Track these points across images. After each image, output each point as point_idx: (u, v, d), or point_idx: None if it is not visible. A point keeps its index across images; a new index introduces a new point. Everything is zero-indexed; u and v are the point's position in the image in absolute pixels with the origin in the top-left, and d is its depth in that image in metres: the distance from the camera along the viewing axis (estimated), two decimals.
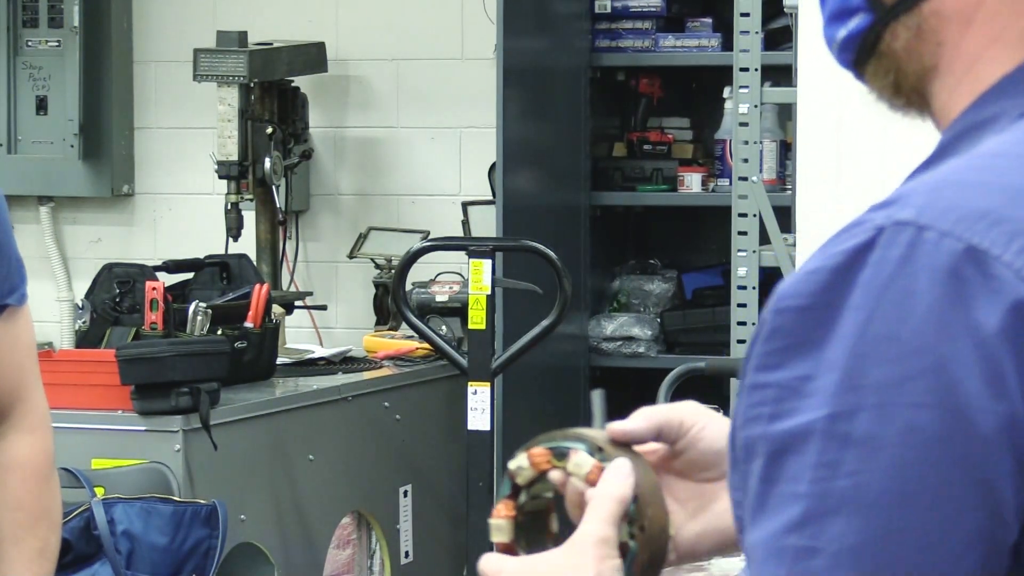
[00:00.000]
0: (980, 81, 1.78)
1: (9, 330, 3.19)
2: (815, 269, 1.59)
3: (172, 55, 8.94)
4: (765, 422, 1.60)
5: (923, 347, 1.57)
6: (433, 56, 8.82)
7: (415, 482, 7.53)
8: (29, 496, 3.23)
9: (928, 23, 1.79)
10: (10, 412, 3.22)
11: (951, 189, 1.62)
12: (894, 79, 1.85)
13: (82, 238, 9.25)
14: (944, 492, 1.56)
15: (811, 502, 1.56)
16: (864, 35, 1.84)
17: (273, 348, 7.33)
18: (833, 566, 1.55)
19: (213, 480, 6.54)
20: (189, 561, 6.15)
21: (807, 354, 1.60)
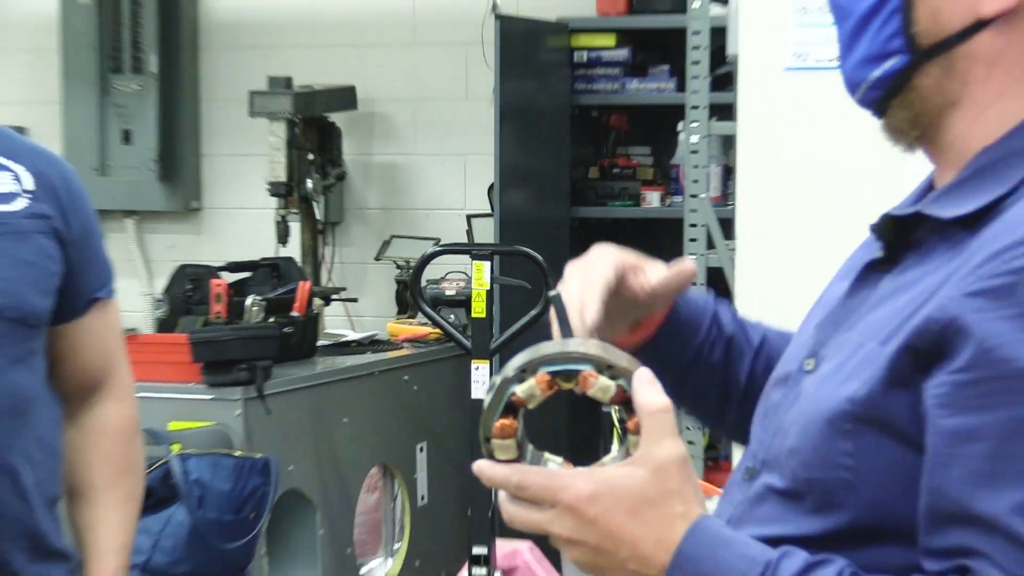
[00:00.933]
0: (1005, 116, 1.80)
1: (101, 318, 3.16)
2: None
3: (232, 96, 8.88)
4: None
5: None
6: (443, 97, 8.80)
7: (429, 440, 7.60)
8: (118, 452, 3.20)
9: (958, 64, 1.81)
10: (102, 384, 3.19)
11: None
12: (915, 112, 1.85)
13: (160, 244, 9.26)
14: None
15: None
16: (899, 74, 1.84)
17: (314, 333, 7.40)
18: None
19: (266, 438, 6.59)
20: (247, 504, 6.21)
21: None
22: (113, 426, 3.20)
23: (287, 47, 9.09)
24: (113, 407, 3.21)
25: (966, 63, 1.80)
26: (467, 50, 8.58)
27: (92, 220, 3.19)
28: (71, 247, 3.08)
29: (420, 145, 9.02)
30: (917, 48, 1.82)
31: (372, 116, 9.03)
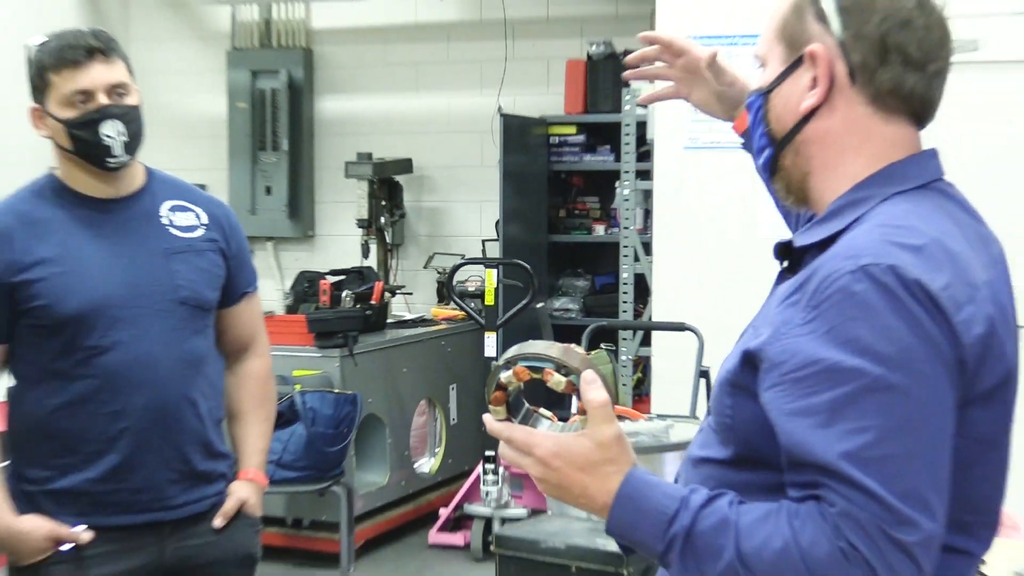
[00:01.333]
0: (847, 175, 1.74)
1: (249, 305, 3.15)
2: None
3: (334, 164, 8.81)
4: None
5: (911, 341, 1.54)
6: (466, 165, 8.73)
7: (458, 383, 7.60)
8: (259, 390, 3.18)
9: (801, 147, 1.77)
10: (249, 347, 3.17)
11: (884, 245, 1.57)
12: (787, 183, 1.82)
13: (288, 258, 9.21)
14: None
15: (885, 430, 1.51)
16: (771, 160, 1.83)
17: (384, 314, 7.40)
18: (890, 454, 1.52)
19: (354, 382, 6.58)
20: (342, 423, 6.23)
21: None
22: (256, 373, 3.20)
23: (369, 133, 8.97)
24: (256, 361, 3.21)
25: (805, 145, 1.77)
26: (482, 136, 8.47)
27: (244, 243, 3.18)
28: (230, 260, 3.08)
29: (452, 195, 8.96)
30: (775, 142, 1.81)
31: (422, 177, 8.95)
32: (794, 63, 1.76)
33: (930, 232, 1.62)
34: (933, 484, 1.53)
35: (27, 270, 2.83)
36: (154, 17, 9.56)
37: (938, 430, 1.55)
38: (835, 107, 1.73)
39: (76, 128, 2.82)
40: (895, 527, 1.49)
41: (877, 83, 1.71)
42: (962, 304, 1.57)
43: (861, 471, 1.50)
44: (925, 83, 1.72)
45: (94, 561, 2.87)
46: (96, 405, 2.85)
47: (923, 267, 1.56)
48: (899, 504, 1.49)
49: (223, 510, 3.02)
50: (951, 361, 1.55)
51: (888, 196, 1.70)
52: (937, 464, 1.55)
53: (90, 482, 2.87)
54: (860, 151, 1.74)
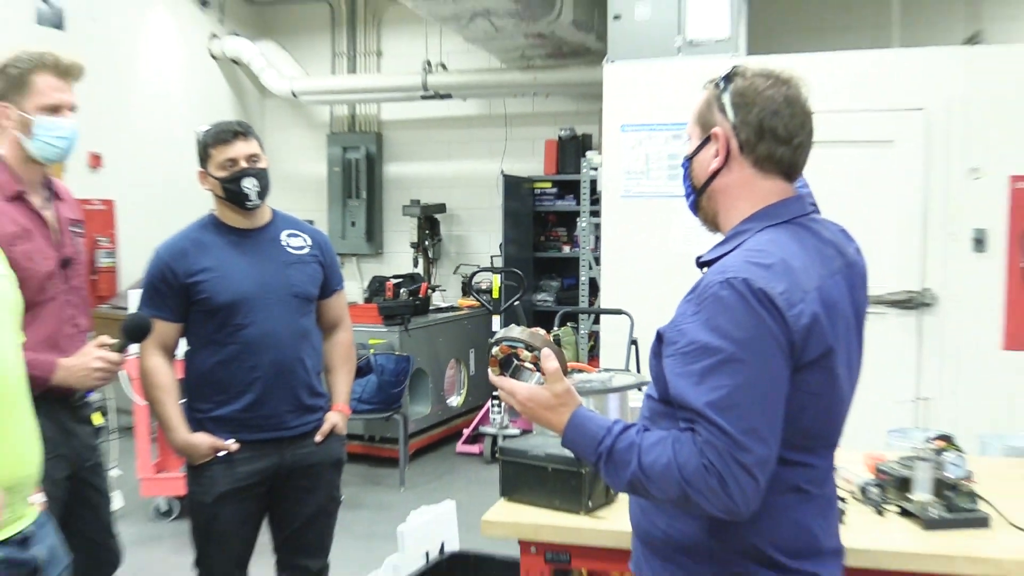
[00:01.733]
0: (740, 213, 1.76)
1: (338, 297, 3.09)
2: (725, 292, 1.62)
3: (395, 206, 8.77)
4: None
5: (754, 330, 1.60)
6: (481, 207, 8.63)
7: (475, 348, 7.47)
8: (345, 352, 3.11)
9: (712, 195, 1.79)
10: (339, 325, 3.09)
11: (742, 264, 1.64)
12: (705, 217, 1.84)
13: (366, 267, 9.08)
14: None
15: (734, 387, 1.57)
16: (694, 202, 1.84)
17: (428, 304, 7.25)
18: (737, 405, 1.57)
19: (408, 347, 6.46)
20: (401, 374, 6.12)
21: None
22: (343, 342, 3.14)
23: (418, 187, 8.94)
24: (343, 334, 3.14)
25: (714, 193, 1.80)
26: (490, 189, 8.38)
27: (335, 258, 3.13)
28: (326, 268, 3.04)
29: (470, 227, 8.88)
30: (695, 189, 1.83)
31: (452, 215, 8.86)
32: (706, 139, 1.79)
33: (779, 254, 1.66)
34: (767, 424, 1.58)
35: (196, 275, 2.86)
36: (281, 114, 9.55)
37: (771, 389, 1.60)
38: (731, 169, 1.76)
39: (227, 183, 2.87)
40: (738, 451, 1.55)
41: (757, 153, 1.74)
42: (794, 304, 1.61)
43: (717, 415, 1.56)
44: (791, 152, 1.74)
45: (239, 463, 2.88)
46: (239, 362, 2.87)
47: (768, 279, 1.61)
48: (741, 437, 1.55)
49: (321, 430, 3.00)
50: (784, 343, 1.60)
51: (761, 229, 1.72)
52: (769, 411, 1.59)
53: (236, 412, 2.88)
54: (747, 198, 1.77)
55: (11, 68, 2.54)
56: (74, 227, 2.77)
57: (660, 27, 5.52)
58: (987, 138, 4.82)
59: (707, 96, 1.79)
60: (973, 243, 4.84)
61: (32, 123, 2.55)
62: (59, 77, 2.59)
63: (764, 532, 1.66)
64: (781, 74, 1.75)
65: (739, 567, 1.68)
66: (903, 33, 7.10)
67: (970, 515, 2.24)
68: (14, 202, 2.56)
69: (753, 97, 1.72)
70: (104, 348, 2.55)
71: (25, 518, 1.92)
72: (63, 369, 2.51)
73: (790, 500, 1.68)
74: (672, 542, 1.74)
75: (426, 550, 3.66)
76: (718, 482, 1.55)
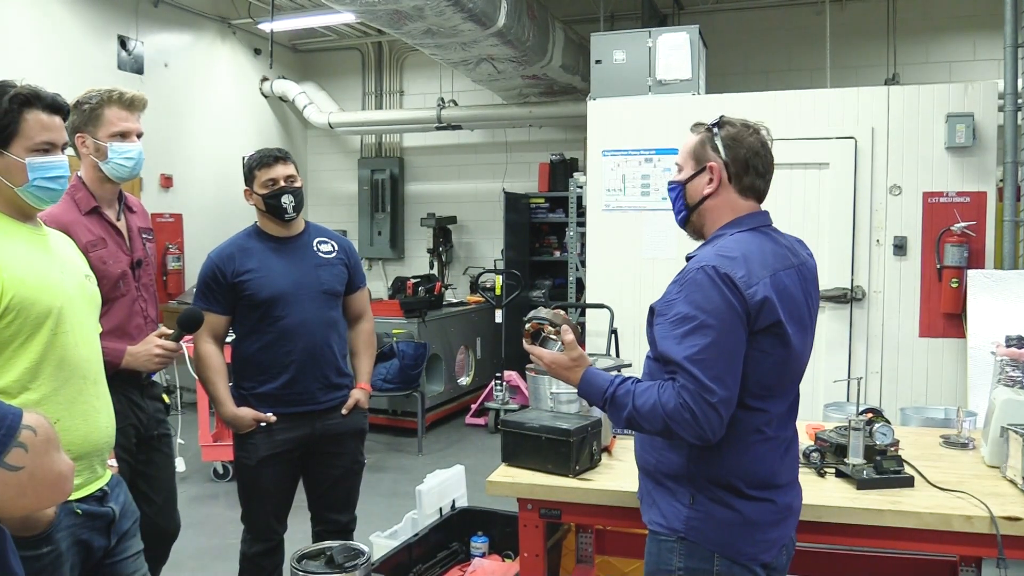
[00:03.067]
0: (716, 224, 1.87)
1: (362, 293, 3.03)
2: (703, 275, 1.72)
3: (415, 219, 8.70)
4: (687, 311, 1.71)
5: (726, 295, 1.71)
6: (486, 219, 8.57)
7: (480, 337, 7.38)
8: (367, 339, 3.06)
9: (702, 212, 1.89)
10: (362, 316, 3.03)
11: (714, 256, 1.75)
12: (693, 229, 1.93)
13: (390, 269, 9.02)
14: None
15: (705, 345, 1.69)
16: (685, 218, 1.93)
17: (441, 299, 7.17)
18: (704, 359, 1.68)
19: (425, 335, 6.38)
20: (419, 358, 6.03)
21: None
22: (366, 330, 3.08)
23: (433, 203, 8.87)
24: (366, 324, 3.08)
25: (703, 210, 1.90)
26: (494, 204, 8.34)
27: (358, 260, 3.07)
28: (350, 269, 2.99)
29: (478, 236, 8.80)
30: (688, 207, 1.92)
31: (462, 226, 8.80)
32: (700, 170, 1.88)
33: (741, 250, 1.77)
34: (729, 373, 1.70)
35: (242, 275, 2.83)
36: (320, 142, 9.51)
37: (733, 348, 1.71)
38: (719, 194, 1.87)
39: (268, 199, 2.85)
40: (706, 393, 1.67)
41: (742, 183, 1.87)
42: (751, 285, 1.73)
43: (692, 365, 1.69)
44: (764, 183, 1.89)
45: (277, 432, 2.85)
46: (277, 347, 2.83)
47: (731, 267, 1.73)
48: (709, 382, 1.67)
49: (347, 404, 2.95)
50: (742, 313, 1.71)
51: (732, 233, 1.83)
52: (732, 364, 1.71)
53: (274, 389, 2.85)
54: (729, 213, 1.88)
55: (84, 104, 2.53)
56: (145, 234, 2.74)
57: (634, 70, 5.51)
58: (904, 161, 4.81)
59: (700, 137, 1.89)
60: (894, 248, 4.83)
61: (105, 149, 2.53)
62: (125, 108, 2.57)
63: (731, 465, 1.77)
64: (754, 124, 1.89)
65: (708, 491, 1.79)
66: (835, 75, 7.09)
67: (896, 476, 2.22)
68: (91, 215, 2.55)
69: (741, 141, 1.85)
70: (163, 338, 2.52)
71: (103, 479, 1.93)
72: (129, 355, 2.49)
73: (752, 439, 1.78)
74: (661, 470, 1.85)
75: (440, 506, 3.63)
76: (691, 416, 1.68)
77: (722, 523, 1.76)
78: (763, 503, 1.78)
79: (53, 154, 1.84)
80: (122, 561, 1.95)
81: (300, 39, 9.24)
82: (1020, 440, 2.15)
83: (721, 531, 1.76)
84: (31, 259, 1.82)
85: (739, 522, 1.76)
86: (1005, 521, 1.97)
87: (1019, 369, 2.57)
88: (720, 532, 1.76)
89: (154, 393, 2.74)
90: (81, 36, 6.72)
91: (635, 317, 5.25)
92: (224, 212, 7.89)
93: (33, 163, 1.81)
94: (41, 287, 1.79)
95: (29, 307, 1.75)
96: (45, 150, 1.83)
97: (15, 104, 1.79)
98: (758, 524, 1.77)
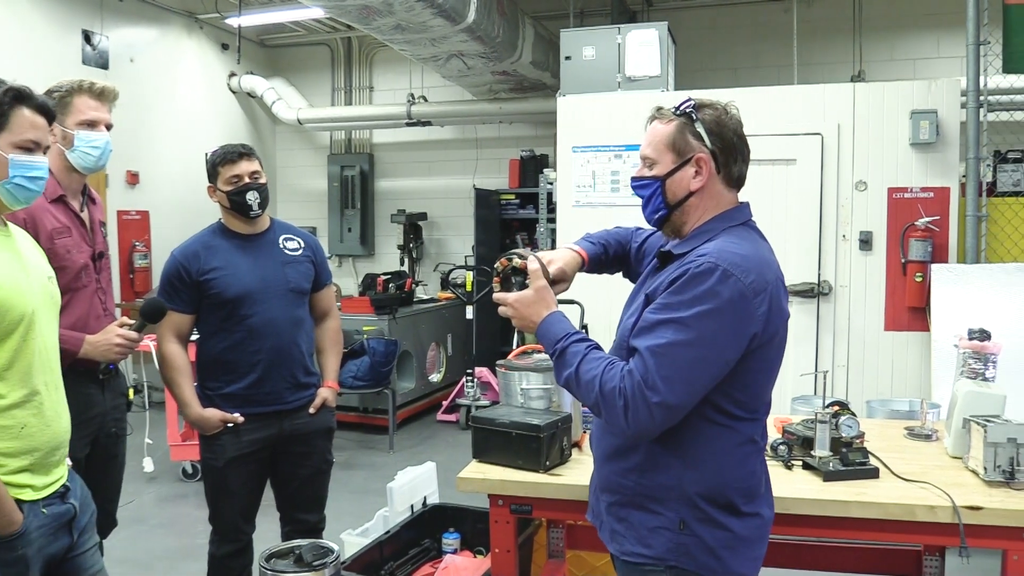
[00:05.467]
0: (700, 220, 1.72)
1: (328, 290, 3.01)
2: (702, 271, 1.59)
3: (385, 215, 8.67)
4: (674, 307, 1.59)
5: (725, 302, 1.57)
6: (456, 215, 8.55)
7: (451, 333, 7.36)
8: (334, 337, 3.03)
9: (685, 209, 1.72)
10: (327, 314, 3.01)
11: (722, 252, 1.61)
12: (672, 227, 1.75)
13: (360, 266, 8.96)
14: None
15: (673, 341, 1.57)
16: (664, 216, 1.75)
17: (412, 296, 7.15)
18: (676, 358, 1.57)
19: (396, 332, 6.34)
20: (390, 355, 6.01)
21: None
22: (332, 328, 3.05)
23: (404, 199, 8.84)
24: (332, 322, 3.05)
25: (687, 208, 1.74)
26: (464, 200, 8.34)
27: (324, 258, 3.04)
28: (316, 266, 2.96)
29: (449, 233, 8.79)
30: (669, 206, 1.74)
31: (432, 222, 8.77)
32: (684, 162, 1.72)
33: (748, 248, 1.66)
34: (684, 380, 1.56)
35: (207, 273, 2.79)
36: (289, 138, 9.42)
37: (706, 356, 1.57)
38: (707, 186, 1.72)
39: (233, 196, 2.82)
40: (647, 389, 1.56)
41: (730, 172, 1.74)
42: (758, 292, 1.60)
43: (650, 356, 1.57)
44: (745, 169, 1.77)
45: (244, 433, 2.82)
46: (244, 346, 2.80)
47: (741, 269, 1.60)
48: (657, 380, 1.55)
49: (314, 404, 2.93)
50: (745, 324, 1.59)
51: (724, 229, 1.70)
52: (696, 371, 1.57)
53: (241, 389, 2.81)
54: (714, 207, 1.74)
55: (55, 92, 2.50)
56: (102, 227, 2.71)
57: (603, 66, 5.52)
58: (870, 157, 4.87)
59: (677, 124, 1.72)
60: (860, 243, 4.88)
61: (72, 137, 2.51)
62: (95, 98, 2.54)
63: (729, 479, 1.66)
64: (726, 105, 1.75)
65: (700, 512, 1.65)
66: (802, 72, 7.15)
67: (862, 468, 2.23)
68: (56, 203, 2.51)
69: (724, 125, 1.71)
70: (124, 327, 2.49)
71: (64, 477, 1.93)
72: (88, 344, 2.45)
73: (748, 450, 1.68)
74: (644, 493, 1.69)
75: (411, 503, 3.62)
76: (623, 404, 1.57)
77: (714, 545, 1.64)
78: (753, 518, 1.69)
79: (36, 154, 1.82)
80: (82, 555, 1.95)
81: (268, 34, 9.14)
82: (982, 431, 2.18)
83: (712, 554, 1.64)
84: (3, 263, 1.79)
85: (731, 542, 1.65)
86: (967, 510, 1.99)
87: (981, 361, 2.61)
88: (711, 555, 1.64)
89: (116, 386, 2.69)
90: (44, 30, 6.60)
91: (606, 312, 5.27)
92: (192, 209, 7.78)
93: (16, 160, 1.79)
94: (15, 291, 1.77)
95: (4, 313, 1.74)
96: (29, 149, 1.81)
97: (7, 97, 1.78)
98: (749, 541, 1.68)
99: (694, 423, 1.63)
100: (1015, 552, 2.00)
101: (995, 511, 1.99)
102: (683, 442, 1.64)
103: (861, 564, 2.95)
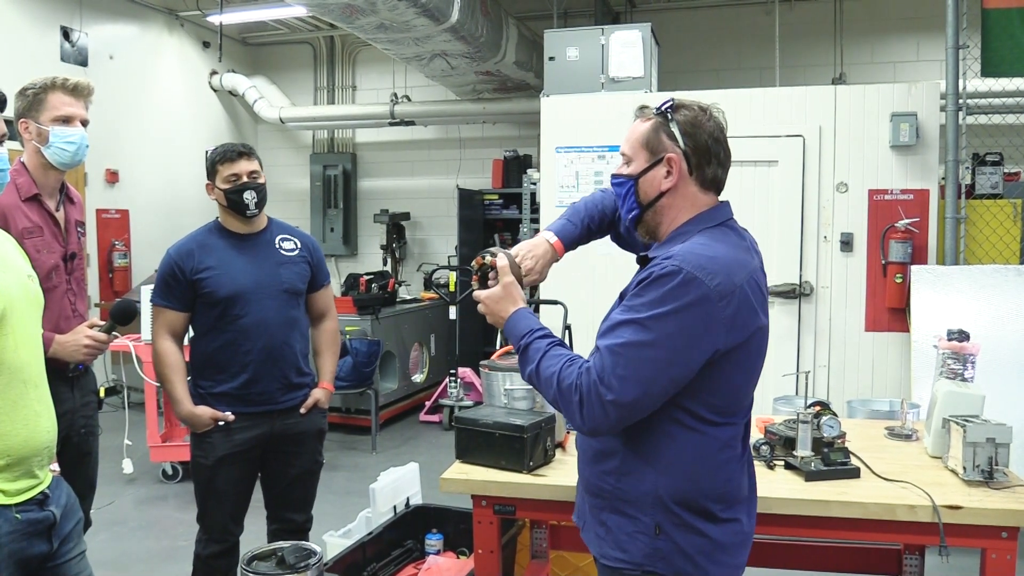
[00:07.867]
0: (676, 223, 1.69)
1: (325, 291, 3.00)
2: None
3: (368, 215, 8.65)
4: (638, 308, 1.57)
5: (685, 304, 1.52)
6: (440, 215, 8.56)
7: (434, 333, 7.35)
8: (331, 338, 3.03)
9: (657, 209, 1.70)
10: (324, 315, 3.00)
11: (688, 255, 1.57)
12: (646, 229, 1.73)
13: (343, 266, 8.92)
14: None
15: (632, 342, 1.54)
16: (637, 217, 1.73)
17: (395, 296, 7.14)
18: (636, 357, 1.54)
19: (379, 332, 6.33)
20: (373, 355, 5.99)
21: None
22: (329, 329, 3.05)
23: (387, 199, 8.83)
24: (329, 323, 3.05)
25: (660, 208, 1.71)
26: (448, 200, 8.33)
27: (322, 258, 3.04)
28: (313, 267, 2.96)
29: (432, 233, 8.79)
30: (641, 205, 1.72)
31: (415, 222, 8.77)
32: (656, 162, 1.70)
33: (719, 250, 1.62)
34: (641, 380, 1.54)
35: (201, 272, 2.79)
36: (271, 137, 9.39)
37: (667, 358, 1.54)
38: (678, 187, 1.69)
39: (230, 195, 2.81)
40: (602, 386, 1.55)
41: (704, 174, 1.70)
42: (724, 295, 1.56)
43: (608, 354, 1.56)
44: (724, 174, 1.72)
45: (235, 431, 2.82)
46: (236, 346, 2.80)
47: (707, 271, 1.57)
48: (612, 379, 1.54)
49: (306, 404, 2.92)
50: (711, 328, 1.55)
51: (699, 231, 1.67)
52: (652, 372, 1.55)
53: (233, 388, 2.81)
54: (689, 209, 1.71)
55: (29, 90, 2.49)
56: (79, 228, 2.68)
57: (587, 67, 5.53)
58: (851, 159, 4.90)
59: (653, 123, 1.70)
60: (841, 244, 4.91)
61: (47, 133, 2.49)
62: (69, 94, 2.52)
63: (705, 487, 1.63)
64: (707, 107, 1.71)
65: (676, 518, 1.63)
66: (784, 74, 7.20)
67: (843, 468, 2.24)
68: (30, 202, 2.49)
69: (700, 126, 1.67)
70: (94, 329, 2.46)
71: (43, 483, 1.89)
72: (58, 344, 2.43)
73: (725, 455, 1.65)
74: (621, 496, 1.67)
75: (394, 504, 3.61)
76: (578, 401, 1.58)
77: (691, 551, 1.62)
78: (731, 524, 1.66)
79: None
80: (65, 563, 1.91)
81: (250, 32, 9.10)
82: (961, 431, 2.20)
83: (689, 559, 1.62)
84: None
85: (708, 548, 1.63)
86: (947, 510, 2.00)
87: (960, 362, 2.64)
88: (688, 561, 1.62)
89: (85, 384, 2.68)
90: (21, 26, 6.53)
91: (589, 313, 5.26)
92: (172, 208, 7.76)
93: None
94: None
95: None
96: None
97: None
98: (727, 547, 1.65)
99: (667, 428, 1.61)
100: (994, 551, 2.01)
101: (974, 510, 2.00)
102: (657, 447, 1.63)
103: (842, 563, 2.97)
